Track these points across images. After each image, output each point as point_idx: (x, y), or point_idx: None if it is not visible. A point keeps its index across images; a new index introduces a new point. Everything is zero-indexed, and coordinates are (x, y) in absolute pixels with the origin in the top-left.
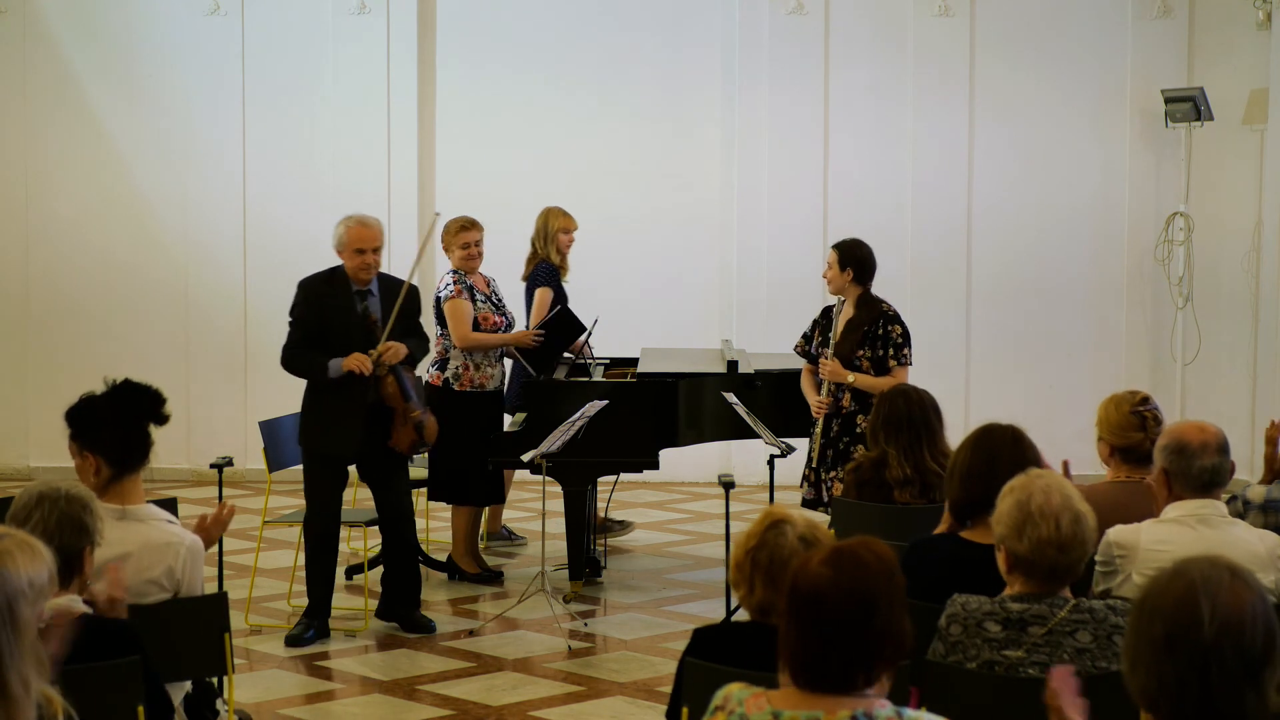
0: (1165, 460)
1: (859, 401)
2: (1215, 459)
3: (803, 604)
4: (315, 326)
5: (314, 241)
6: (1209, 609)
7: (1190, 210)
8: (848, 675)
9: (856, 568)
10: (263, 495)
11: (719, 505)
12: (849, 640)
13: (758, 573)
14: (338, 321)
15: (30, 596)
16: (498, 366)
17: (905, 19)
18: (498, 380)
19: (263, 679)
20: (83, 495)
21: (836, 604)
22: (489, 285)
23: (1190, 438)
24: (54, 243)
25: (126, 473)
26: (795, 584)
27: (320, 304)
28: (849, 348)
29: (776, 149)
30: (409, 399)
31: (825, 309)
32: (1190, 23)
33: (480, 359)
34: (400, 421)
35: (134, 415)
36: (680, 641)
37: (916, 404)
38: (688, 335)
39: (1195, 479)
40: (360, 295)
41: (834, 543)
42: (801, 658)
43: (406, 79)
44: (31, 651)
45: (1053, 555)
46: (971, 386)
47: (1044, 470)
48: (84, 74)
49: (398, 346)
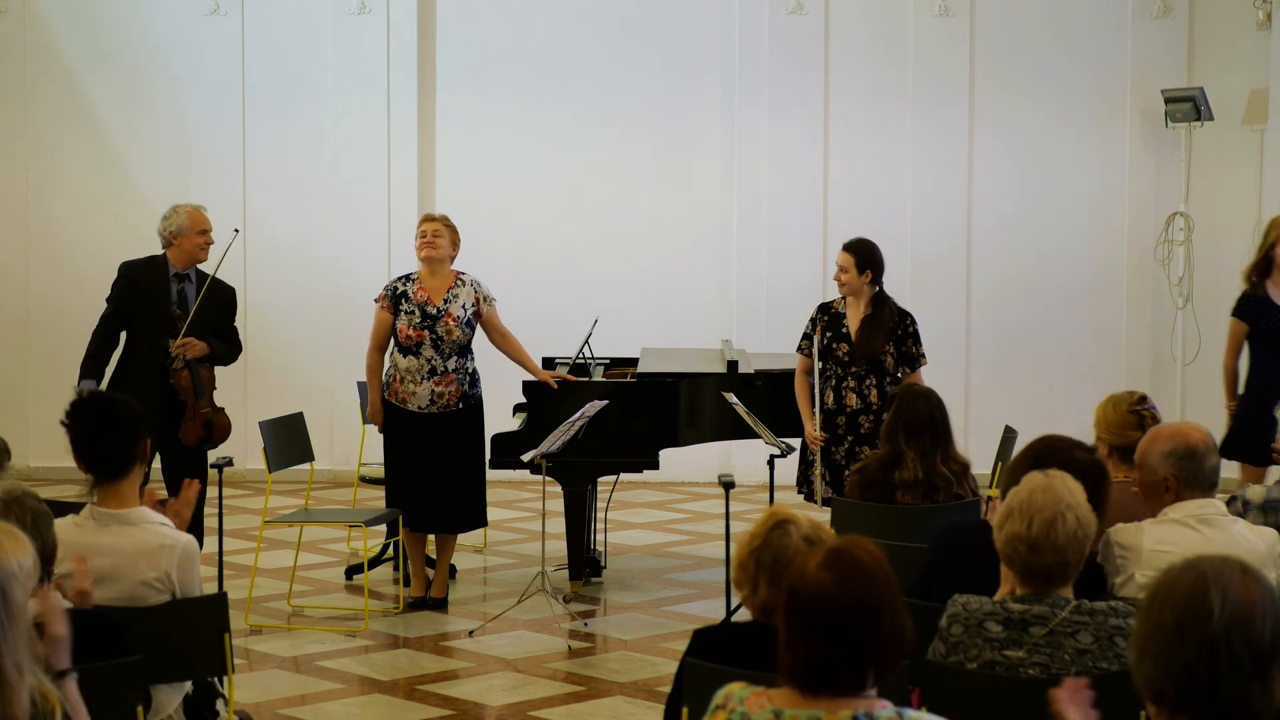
0: (1175, 466)
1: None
2: (1216, 458)
3: (804, 608)
4: (127, 306)
5: (314, 241)
6: (1220, 600)
7: (1190, 210)
8: (852, 678)
9: (857, 570)
10: (263, 495)
11: (719, 505)
12: (853, 643)
13: (761, 573)
14: (148, 305)
15: (21, 579)
16: (423, 385)
17: (905, 19)
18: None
19: (263, 679)
20: (32, 490)
21: (840, 608)
22: (453, 288)
23: (1195, 440)
24: (54, 242)
25: (107, 480)
26: (795, 588)
27: (135, 287)
28: (878, 345)
29: (777, 148)
30: (200, 395)
31: (822, 305)
32: (1190, 23)
33: (403, 373)
34: (189, 415)
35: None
36: (680, 641)
37: (938, 407)
38: (688, 335)
39: (1205, 479)
40: (178, 278)
41: (828, 545)
42: (804, 662)
43: (406, 79)
44: (25, 636)
45: (1023, 552)
46: (971, 386)
47: (1056, 472)
48: (84, 74)
49: (195, 343)
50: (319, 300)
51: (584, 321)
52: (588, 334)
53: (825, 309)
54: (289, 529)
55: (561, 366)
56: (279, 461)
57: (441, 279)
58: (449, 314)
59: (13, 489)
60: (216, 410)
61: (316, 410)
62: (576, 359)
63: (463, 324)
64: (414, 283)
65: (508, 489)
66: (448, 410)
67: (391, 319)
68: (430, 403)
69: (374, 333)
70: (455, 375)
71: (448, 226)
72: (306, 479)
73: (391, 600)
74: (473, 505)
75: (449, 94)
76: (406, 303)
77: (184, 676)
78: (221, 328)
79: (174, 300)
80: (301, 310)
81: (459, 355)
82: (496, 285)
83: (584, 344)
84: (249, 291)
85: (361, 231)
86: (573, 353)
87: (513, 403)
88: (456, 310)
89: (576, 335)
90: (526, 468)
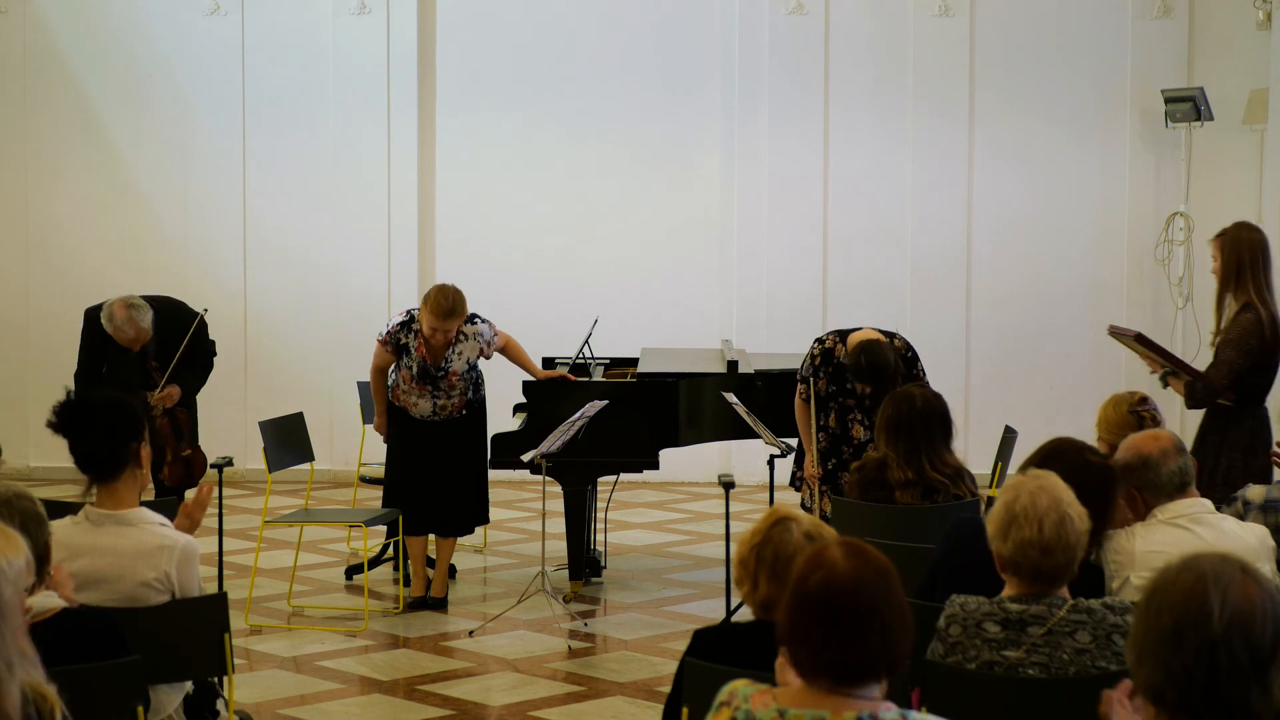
0: (1131, 478)
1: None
2: (1179, 461)
3: (825, 599)
4: (99, 358)
5: (314, 242)
6: (1219, 602)
7: (1190, 210)
8: (872, 667)
9: (879, 562)
10: (263, 495)
11: (719, 505)
12: (882, 631)
13: (762, 568)
14: (114, 362)
15: (11, 578)
16: (426, 400)
17: (905, 19)
18: (425, 411)
19: (263, 679)
20: (25, 489)
21: (873, 595)
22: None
23: (1148, 449)
24: (54, 242)
25: (101, 481)
26: (811, 580)
27: (105, 342)
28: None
29: (777, 147)
30: (180, 438)
31: (825, 352)
32: (1190, 23)
33: (405, 388)
34: (171, 460)
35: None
36: (680, 641)
37: (919, 412)
38: (688, 335)
39: (1167, 483)
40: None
41: (838, 540)
42: (825, 655)
43: (406, 79)
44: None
45: (1035, 557)
46: (971, 386)
47: (1043, 471)
48: (84, 74)
49: (174, 392)
50: (319, 300)
51: (584, 322)
52: (588, 334)
53: (828, 358)
54: (289, 529)
55: (561, 366)
56: (279, 462)
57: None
58: (451, 372)
59: (5, 490)
60: (194, 449)
61: (316, 410)
62: (576, 359)
63: (464, 374)
64: (415, 336)
65: (508, 489)
66: (451, 418)
67: (393, 360)
68: (433, 414)
69: (375, 360)
70: (460, 394)
71: (459, 314)
72: (306, 479)
73: (391, 600)
74: (472, 508)
75: (449, 94)
76: (407, 356)
77: (184, 677)
78: (190, 357)
79: (135, 357)
80: (301, 310)
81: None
82: (497, 285)
83: (584, 344)
84: (249, 292)
85: (361, 232)
86: (573, 353)
87: (513, 403)
88: (459, 366)
89: (576, 335)
90: (526, 468)
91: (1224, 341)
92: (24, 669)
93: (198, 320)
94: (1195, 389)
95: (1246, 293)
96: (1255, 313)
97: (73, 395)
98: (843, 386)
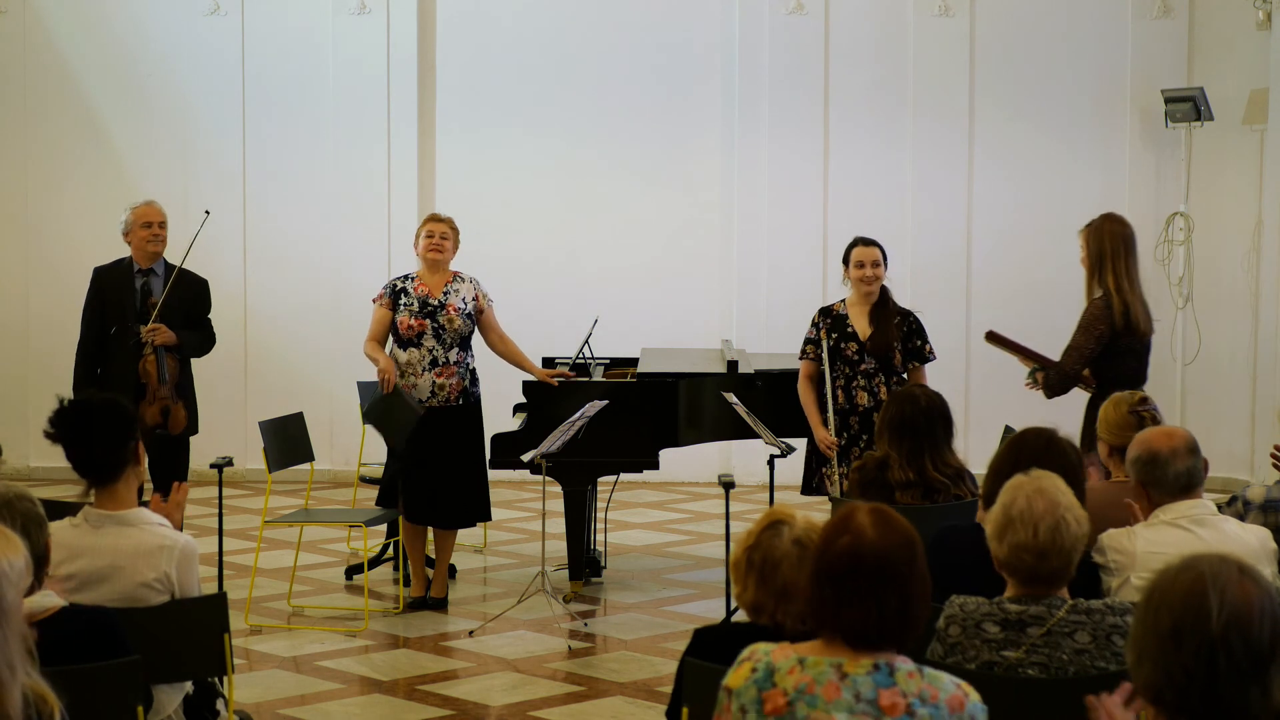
0: (1139, 473)
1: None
2: (1188, 461)
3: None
4: (98, 306)
5: (314, 242)
6: (1217, 602)
7: (1190, 210)
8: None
9: (898, 527)
10: (263, 495)
11: (719, 505)
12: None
13: (751, 572)
14: (115, 299)
15: (13, 580)
16: (424, 376)
17: (905, 19)
18: (424, 393)
19: (263, 679)
20: (25, 490)
21: (887, 560)
22: (451, 284)
23: (1159, 446)
24: (54, 242)
25: (100, 484)
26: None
27: (103, 287)
28: (891, 338)
29: (777, 148)
30: (162, 381)
31: (823, 310)
32: (1190, 23)
33: (404, 366)
34: (148, 400)
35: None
36: (680, 641)
37: (924, 411)
38: (688, 335)
39: (1173, 483)
40: (142, 273)
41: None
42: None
43: (406, 79)
44: (18, 637)
45: (1030, 561)
46: (971, 386)
47: (1042, 473)
48: (84, 74)
49: (164, 330)
50: (319, 300)
51: (584, 321)
52: (588, 334)
53: (826, 313)
54: (289, 529)
55: (561, 366)
56: (279, 461)
57: (440, 276)
58: (449, 305)
59: (5, 492)
60: (176, 400)
61: (316, 410)
62: (576, 359)
63: (463, 315)
64: (413, 280)
65: (508, 489)
66: (448, 404)
67: (390, 315)
68: (431, 394)
69: (371, 328)
70: (456, 368)
71: (453, 229)
72: (306, 479)
73: (391, 600)
74: (472, 502)
75: (449, 94)
76: (406, 297)
77: (184, 676)
78: (194, 318)
79: (138, 292)
80: (302, 310)
81: (460, 348)
82: (497, 285)
83: (584, 344)
84: (249, 292)
85: (361, 232)
86: (573, 353)
87: (513, 403)
88: (456, 302)
89: (576, 335)
90: (526, 468)
91: (1075, 329)
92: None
93: (176, 270)
94: (1050, 377)
95: (1106, 282)
96: (1107, 299)
97: (67, 403)
98: (841, 353)
